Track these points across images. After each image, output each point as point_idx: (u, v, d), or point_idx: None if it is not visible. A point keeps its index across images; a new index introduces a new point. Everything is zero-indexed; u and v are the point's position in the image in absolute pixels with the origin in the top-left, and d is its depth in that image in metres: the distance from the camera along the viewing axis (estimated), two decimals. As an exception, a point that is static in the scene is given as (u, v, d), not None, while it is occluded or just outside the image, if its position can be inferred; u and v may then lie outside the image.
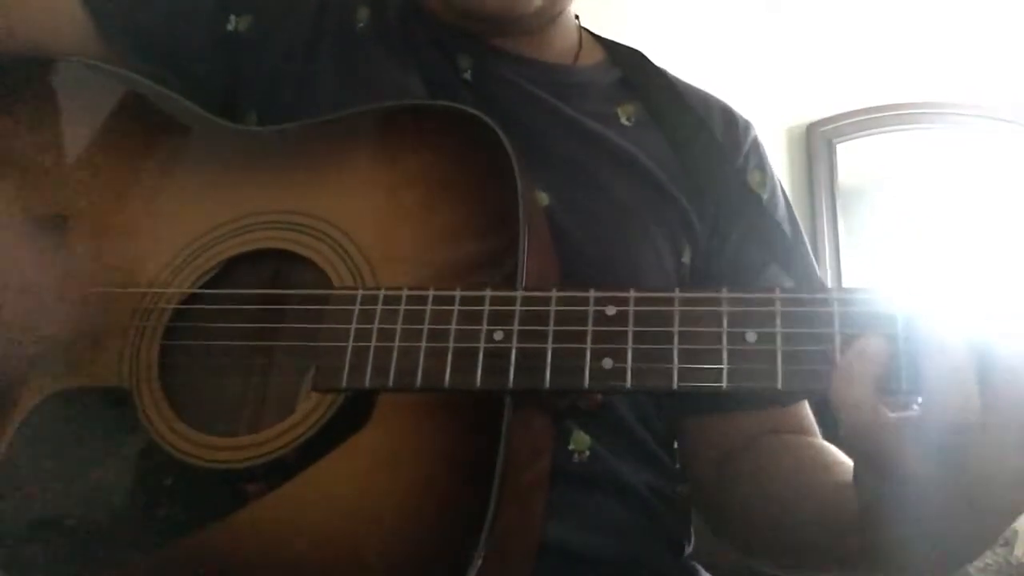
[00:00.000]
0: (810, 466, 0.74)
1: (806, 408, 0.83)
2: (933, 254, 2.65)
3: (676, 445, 0.88)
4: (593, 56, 0.93)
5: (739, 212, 0.84)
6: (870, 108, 2.90)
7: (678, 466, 0.86)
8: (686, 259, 0.84)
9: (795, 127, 2.88)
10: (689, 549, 0.84)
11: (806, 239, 0.91)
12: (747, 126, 0.93)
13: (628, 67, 0.92)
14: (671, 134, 0.87)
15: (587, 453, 0.75)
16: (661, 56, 0.95)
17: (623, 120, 0.88)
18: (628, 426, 0.79)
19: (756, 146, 0.92)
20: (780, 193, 0.92)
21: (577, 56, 0.92)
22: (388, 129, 0.74)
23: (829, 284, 1.95)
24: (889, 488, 0.54)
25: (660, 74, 0.93)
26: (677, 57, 1.11)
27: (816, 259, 0.90)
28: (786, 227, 0.88)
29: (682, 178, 0.85)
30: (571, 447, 0.75)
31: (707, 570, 0.83)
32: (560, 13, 0.89)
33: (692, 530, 0.86)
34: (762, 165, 0.91)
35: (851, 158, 2.84)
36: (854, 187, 2.83)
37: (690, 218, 0.84)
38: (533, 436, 0.66)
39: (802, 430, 0.82)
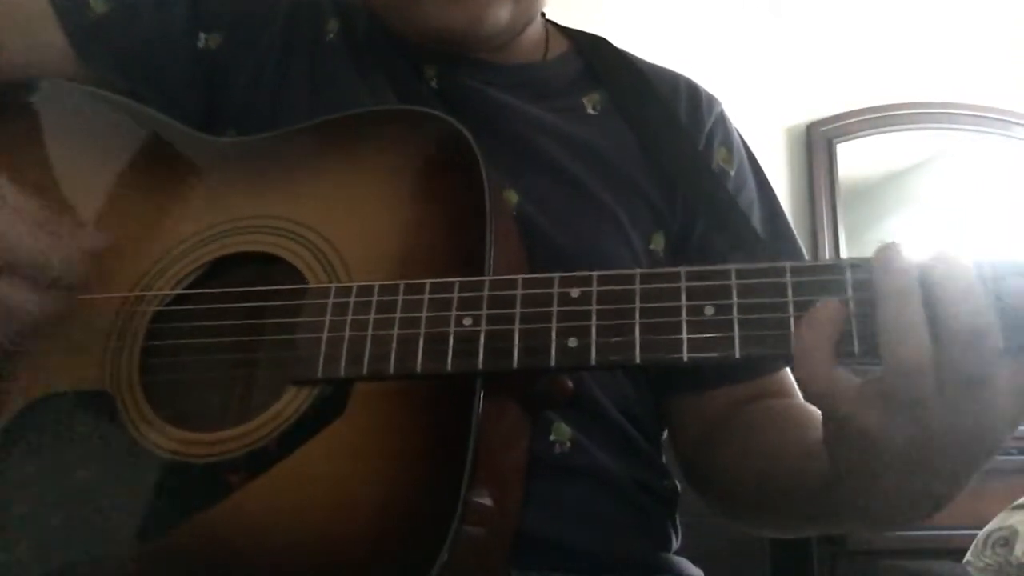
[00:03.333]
0: (787, 425, 0.75)
1: (786, 373, 0.84)
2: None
3: (665, 434, 0.89)
4: (558, 48, 0.95)
5: (705, 200, 0.85)
6: (870, 108, 2.91)
7: (664, 460, 0.87)
8: (656, 246, 0.85)
9: (795, 127, 2.89)
10: (676, 544, 0.85)
11: (783, 211, 0.92)
12: (711, 101, 0.94)
13: (592, 55, 0.93)
14: (636, 121, 0.88)
15: (568, 444, 0.76)
16: (662, 57, 0.96)
17: (589, 110, 0.89)
18: (609, 416, 0.80)
19: (721, 121, 0.93)
20: (748, 167, 0.92)
21: (545, 52, 0.93)
22: (358, 135, 0.76)
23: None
24: (855, 447, 0.55)
25: (623, 58, 0.93)
26: (678, 57, 1.13)
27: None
28: (755, 206, 0.90)
29: (649, 166, 0.86)
30: (552, 437, 0.76)
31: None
32: (527, 25, 0.90)
33: (679, 524, 0.86)
34: (728, 141, 0.92)
35: (851, 158, 2.85)
36: (854, 187, 2.83)
37: (659, 205, 0.85)
38: (508, 425, 0.67)
39: (782, 393, 0.83)
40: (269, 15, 0.91)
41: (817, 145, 2.85)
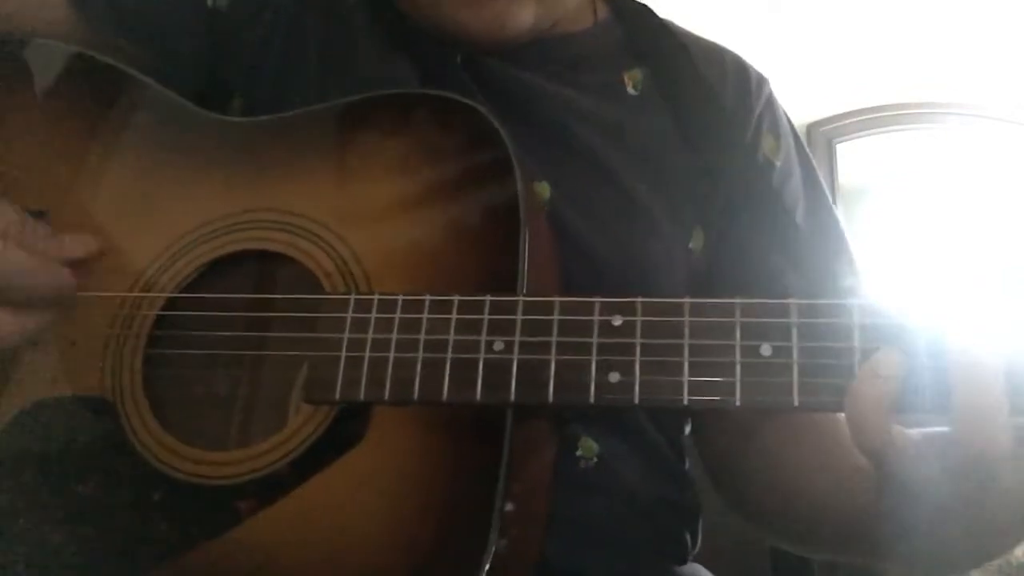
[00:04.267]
0: (830, 442, 0.71)
1: None
2: (933, 254, 2.64)
3: (687, 431, 0.86)
4: (599, 14, 0.88)
5: (748, 195, 0.80)
6: (870, 108, 2.90)
7: (687, 467, 0.84)
8: (694, 244, 0.80)
9: (795, 127, 2.87)
10: (694, 551, 0.82)
11: (828, 198, 0.88)
12: (760, 82, 0.88)
13: (633, 23, 0.87)
14: (679, 106, 0.82)
15: (594, 460, 0.73)
16: None
17: (629, 89, 0.83)
18: (636, 424, 0.77)
19: (770, 105, 0.87)
20: (795, 156, 0.87)
21: (594, 19, 0.87)
22: (377, 121, 0.71)
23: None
24: (908, 501, 0.52)
25: (666, 29, 0.88)
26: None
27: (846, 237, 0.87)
28: (800, 199, 0.85)
29: (690, 155, 0.81)
30: (578, 453, 0.73)
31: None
32: (556, 21, 0.83)
33: (699, 532, 0.84)
34: (776, 128, 0.86)
35: (851, 158, 2.84)
36: (854, 187, 2.83)
37: (699, 199, 0.81)
38: (537, 447, 0.64)
39: None
40: None
41: (817, 145, 2.84)
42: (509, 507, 0.56)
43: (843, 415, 0.50)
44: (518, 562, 0.60)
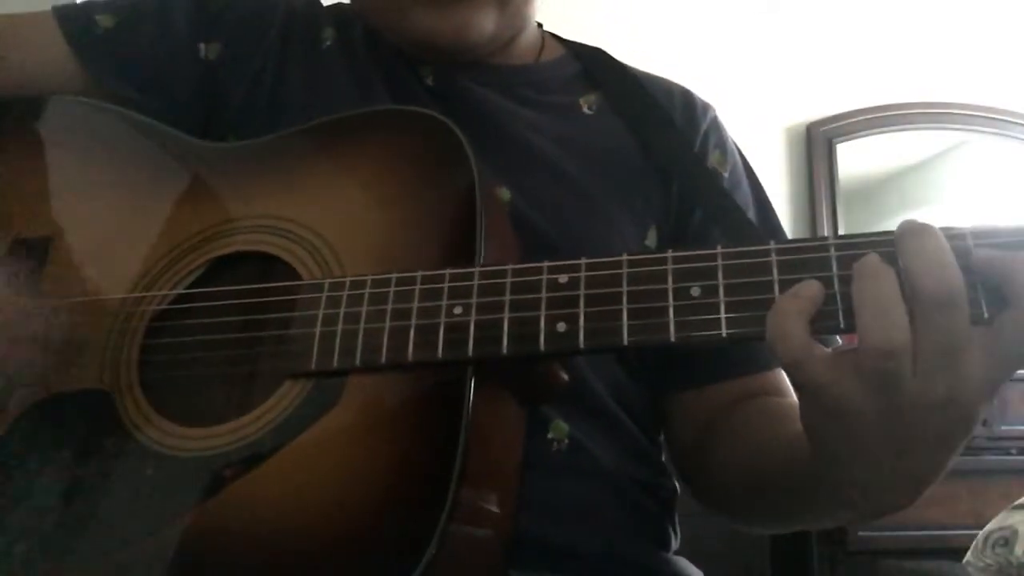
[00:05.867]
0: (778, 419, 0.75)
1: (781, 373, 0.84)
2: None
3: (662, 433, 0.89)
4: (554, 52, 0.96)
5: (700, 193, 0.86)
6: (870, 108, 2.91)
7: (664, 457, 0.87)
8: (649, 242, 0.85)
9: (795, 127, 2.89)
10: (676, 544, 0.84)
11: (776, 213, 0.92)
12: (705, 107, 0.95)
13: (589, 60, 0.94)
14: (632, 120, 0.89)
15: (566, 442, 0.76)
16: (661, 56, 0.98)
17: (584, 109, 0.90)
18: (608, 410, 0.80)
19: (715, 126, 0.94)
20: (742, 170, 0.93)
21: (539, 55, 0.95)
22: (352, 135, 0.77)
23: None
24: (831, 421, 0.55)
25: (620, 66, 0.95)
26: (677, 57, 1.14)
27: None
28: (750, 205, 0.90)
29: (644, 162, 0.87)
30: (550, 435, 0.76)
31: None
32: (517, 34, 0.91)
33: (678, 524, 0.86)
34: (722, 144, 0.92)
35: (851, 158, 2.85)
36: (854, 187, 2.84)
37: (654, 200, 0.86)
38: (503, 418, 0.67)
39: (777, 392, 0.83)
40: (266, 23, 0.92)
41: (817, 145, 2.85)
42: (482, 497, 0.60)
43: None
44: (490, 542, 0.64)
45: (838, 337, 0.70)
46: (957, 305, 0.51)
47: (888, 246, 0.53)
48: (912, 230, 0.53)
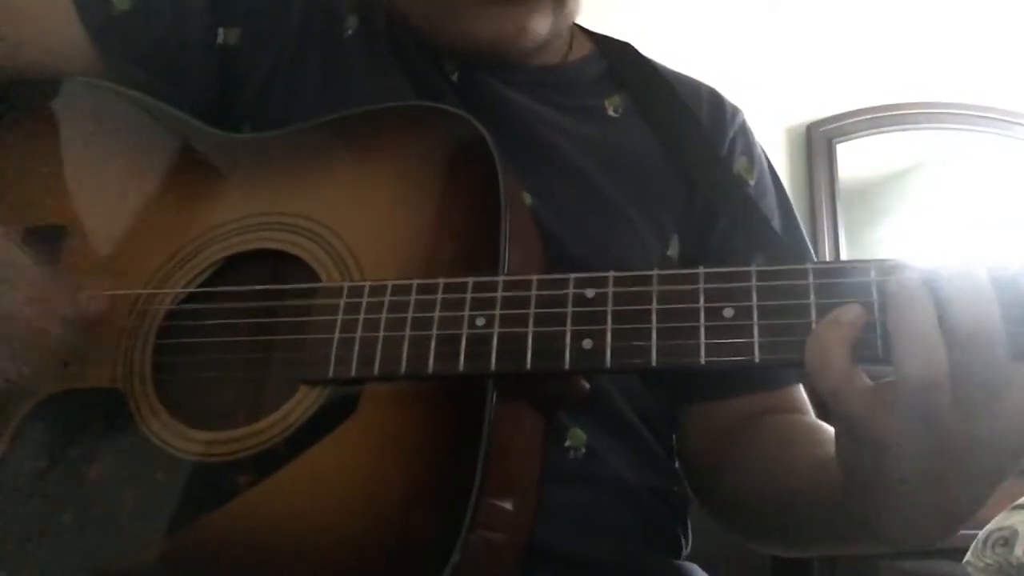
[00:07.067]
0: (799, 441, 0.74)
1: (799, 388, 0.83)
2: (932, 254, 2.64)
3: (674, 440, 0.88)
4: (582, 50, 0.94)
5: (725, 201, 0.84)
6: (870, 108, 2.90)
7: (677, 465, 0.86)
8: (672, 251, 0.84)
9: (795, 127, 2.88)
10: (687, 550, 0.84)
11: (801, 225, 0.91)
12: (734, 112, 0.93)
13: (616, 58, 0.93)
14: (658, 124, 0.87)
15: (583, 450, 0.76)
16: (661, 56, 0.96)
17: (610, 111, 0.89)
18: (625, 418, 0.79)
19: (743, 131, 0.92)
20: (769, 178, 0.92)
21: (567, 54, 0.93)
22: (374, 131, 0.75)
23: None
24: (868, 454, 0.54)
25: (648, 64, 0.93)
26: (677, 57, 1.12)
27: (816, 258, 0.90)
28: (775, 215, 0.89)
29: (669, 168, 0.86)
30: (567, 443, 0.75)
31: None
32: (560, 34, 0.89)
33: (690, 530, 0.85)
34: (749, 151, 0.91)
35: (851, 158, 2.84)
36: (854, 187, 2.83)
37: (677, 208, 0.85)
38: (522, 427, 0.66)
39: (794, 409, 0.82)
40: (285, 9, 0.90)
41: (817, 145, 2.84)
42: (500, 504, 0.59)
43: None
44: (507, 549, 0.63)
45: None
46: (997, 341, 0.49)
47: (928, 272, 0.52)
48: (950, 264, 0.51)
